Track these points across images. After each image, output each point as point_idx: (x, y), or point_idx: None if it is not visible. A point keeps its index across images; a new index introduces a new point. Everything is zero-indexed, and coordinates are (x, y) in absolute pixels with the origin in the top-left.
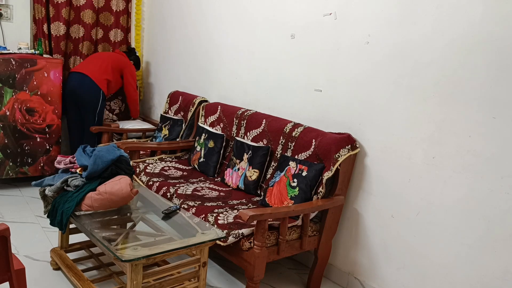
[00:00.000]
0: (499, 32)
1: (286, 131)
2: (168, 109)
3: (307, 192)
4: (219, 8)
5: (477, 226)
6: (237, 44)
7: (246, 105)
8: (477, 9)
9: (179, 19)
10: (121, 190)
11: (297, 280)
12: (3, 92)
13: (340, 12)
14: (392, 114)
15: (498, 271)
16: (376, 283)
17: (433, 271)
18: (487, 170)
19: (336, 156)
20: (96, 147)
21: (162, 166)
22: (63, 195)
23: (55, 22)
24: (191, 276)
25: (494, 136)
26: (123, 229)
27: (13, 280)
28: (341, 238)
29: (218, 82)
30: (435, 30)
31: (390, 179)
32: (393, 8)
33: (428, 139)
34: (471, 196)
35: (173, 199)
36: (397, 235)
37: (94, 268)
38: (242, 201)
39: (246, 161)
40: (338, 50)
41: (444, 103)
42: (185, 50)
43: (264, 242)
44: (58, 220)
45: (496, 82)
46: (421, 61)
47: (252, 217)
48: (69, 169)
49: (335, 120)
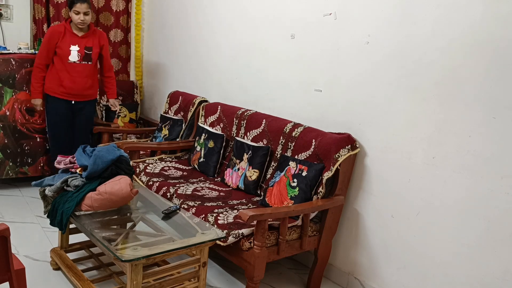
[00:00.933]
0: (499, 32)
1: (286, 131)
2: (168, 109)
3: (307, 192)
4: (219, 8)
5: (477, 226)
6: (237, 44)
7: (246, 105)
8: (477, 9)
9: (179, 19)
10: (121, 190)
11: (297, 280)
12: (3, 92)
13: (340, 12)
14: (392, 114)
15: (498, 271)
16: (376, 283)
17: (433, 271)
18: (487, 170)
19: (336, 156)
20: (96, 147)
21: (162, 166)
22: (63, 195)
23: (55, 22)
24: (191, 276)
25: (494, 136)
26: (123, 229)
27: (13, 280)
28: (341, 238)
29: (218, 82)
30: (435, 30)
31: (390, 179)
32: (393, 8)
33: (428, 139)
34: (471, 196)
35: (173, 199)
36: (397, 235)
37: (94, 268)
38: (242, 201)
39: (246, 161)
40: (338, 50)
41: (444, 103)
42: (185, 50)
43: (264, 242)
44: (58, 220)
45: (496, 82)
46: (421, 61)
47: (252, 217)
48: (69, 169)
49: (335, 120)
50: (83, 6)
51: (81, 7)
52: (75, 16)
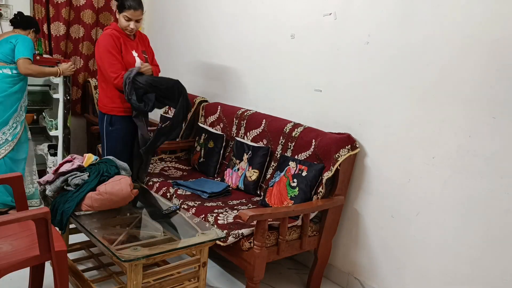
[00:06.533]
0: (499, 32)
1: (286, 131)
2: (168, 109)
3: (307, 192)
4: (219, 8)
5: (477, 226)
6: (237, 44)
7: (246, 105)
8: (477, 9)
9: (179, 19)
10: (121, 191)
11: (297, 280)
12: None
13: (340, 12)
14: (392, 114)
15: (498, 271)
16: (376, 283)
17: (433, 271)
18: (487, 170)
19: (336, 156)
20: None
21: (162, 166)
22: (63, 195)
23: (55, 22)
24: (191, 276)
25: (494, 136)
26: (123, 229)
27: (53, 260)
28: (341, 238)
29: (218, 82)
30: (435, 30)
31: (390, 179)
32: (393, 8)
33: (428, 139)
34: (471, 196)
35: (173, 199)
36: (397, 235)
37: (94, 268)
38: (242, 201)
39: (246, 161)
40: (338, 50)
41: (444, 103)
42: (185, 50)
43: (264, 242)
44: (58, 220)
45: (496, 82)
46: (421, 61)
47: (252, 217)
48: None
49: (335, 120)
50: (137, 13)
51: (134, 14)
52: (125, 23)
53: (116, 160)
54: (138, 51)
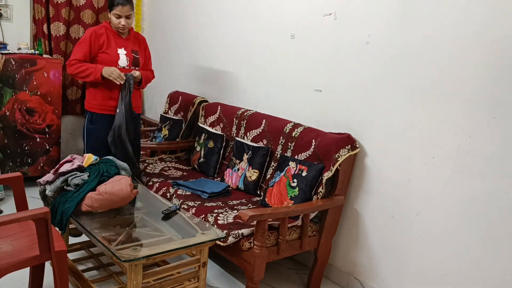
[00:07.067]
0: (499, 32)
1: (286, 131)
2: (168, 109)
3: (307, 192)
4: (220, 9)
5: (477, 226)
6: (237, 44)
7: (246, 105)
8: (477, 9)
9: (179, 19)
10: (121, 191)
11: (297, 280)
12: (3, 92)
13: (340, 12)
14: (392, 114)
15: (498, 271)
16: (376, 283)
17: (433, 271)
18: (487, 170)
19: (336, 156)
20: None
21: (162, 167)
22: (63, 195)
23: (55, 22)
24: (191, 276)
25: (494, 136)
26: (123, 229)
27: (53, 260)
28: (341, 238)
29: (218, 82)
30: (435, 30)
31: (390, 179)
32: (393, 8)
33: (428, 139)
34: (471, 196)
35: (173, 199)
36: (397, 235)
37: (94, 268)
38: (242, 201)
39: (246, 161)
40: (338, 50)
41: (444, 103)
42: (185, 50)
43: (264, 242)
44: (58, 220)
45: (496, 82)
46: (421, 61)
47: (252, 217)
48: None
49: (335, 120)
50: (125, 8)
51: (122, 10)
52: (116, 20)
53: (116, 160)
54: (127, 49)
